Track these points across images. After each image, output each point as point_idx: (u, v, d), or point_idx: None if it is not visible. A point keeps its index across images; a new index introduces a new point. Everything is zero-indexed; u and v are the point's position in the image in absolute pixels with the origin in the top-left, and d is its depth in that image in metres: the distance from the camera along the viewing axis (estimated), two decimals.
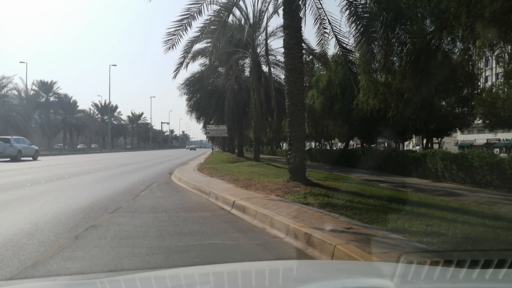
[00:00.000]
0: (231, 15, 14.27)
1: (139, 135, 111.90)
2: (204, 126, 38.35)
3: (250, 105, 23.79)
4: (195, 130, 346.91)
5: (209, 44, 17.86)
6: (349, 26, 11.08)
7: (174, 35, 11.41)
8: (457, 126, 28.93)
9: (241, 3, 18.81)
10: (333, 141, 48.90)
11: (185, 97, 34.64)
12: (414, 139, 56.62)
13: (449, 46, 18.52)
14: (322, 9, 11.59)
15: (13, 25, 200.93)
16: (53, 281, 3.62)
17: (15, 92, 53.22)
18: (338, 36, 11.74)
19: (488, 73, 42.72)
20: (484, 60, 22.68)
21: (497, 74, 41.10)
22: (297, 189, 9.16)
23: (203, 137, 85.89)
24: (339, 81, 24.91)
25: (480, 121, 31.54)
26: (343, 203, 7.34)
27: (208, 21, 11.96)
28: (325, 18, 11.62)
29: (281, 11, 11.29)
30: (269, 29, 24.23)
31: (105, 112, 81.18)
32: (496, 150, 44.65)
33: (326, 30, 11.86)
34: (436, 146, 35.94)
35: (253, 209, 6.94)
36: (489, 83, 37.94)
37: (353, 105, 23.12)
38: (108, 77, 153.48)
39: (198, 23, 11.81)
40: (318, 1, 11.55)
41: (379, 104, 20.21)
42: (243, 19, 22.58)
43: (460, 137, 62.30)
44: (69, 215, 7.01)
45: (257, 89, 21.15)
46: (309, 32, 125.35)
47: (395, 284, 1.63)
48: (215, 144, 60.54)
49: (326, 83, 26.37)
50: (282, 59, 16.92)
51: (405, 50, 16.95)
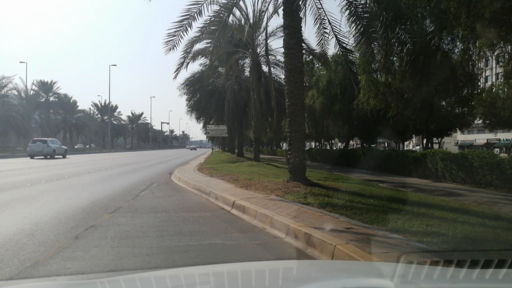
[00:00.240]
0: (231, 15, 14.27)
1: (139, 135, 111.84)
2: (204, 126, 38.34)
3: (250, 105, 23.79)
4: (195, 130, 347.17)
5: (209, 44, 17.89)
6: (349, 26, 11.10)
7: (175, 36, 11.40)
8: (457, 126, 28.93)
9: (241, 3, 18.85)
10: (333, 141, 48.90)
11: (185, 97, 34.71)
12: (414, 139, 56.62)
13: (449, 46, 18.52)
14: (322, 9, 11.60)
15: (13, 25, 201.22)
16: (53, 281, 3.62)
17: (15, 92, 53.20)
18: (338, 36, 11.75)
19: (488, 73, 42.70)
20: (484, 60, 22.64)
21: (497, 74, 41.13)
22: (297, 189, 9.16)
23: (203, 137, 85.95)
24: (339, 81, 24.90)
25: (480, 121, 31.53)
26: (343, 203, 7.34)
27: (208, 22, 11.96)
28: (325, 18, 11.63)
29: (281, 11, 11.30)
30: (269, 29, 24.27)
31: (105, 112, 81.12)
32: (496, 150, 44.65)
33: (326, 30, 11.88)
34: (436, 146, 35.92)
35: (253, 209, 6.94)
36: (489, 83, 37.92)
37: (353, 105, 23.13)
38: (108, 77, 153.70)
39: (198, 24, 11.81)
40: (318, 1, 11.57)
41: (379, 104, 20.20)
42: (243, 19, 22.63)
43: (460, 137, 62.29)
44: (69, 215, 7.01)
45: (257, 89, 21.15)
46: (309, 32, 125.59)
47: (395, 284, 1.62)
48: (215, 144, 60.53)
49: (326, 83, 26.36)
50: (282, 59, 16.93)
51: (405, 50, 16.94)
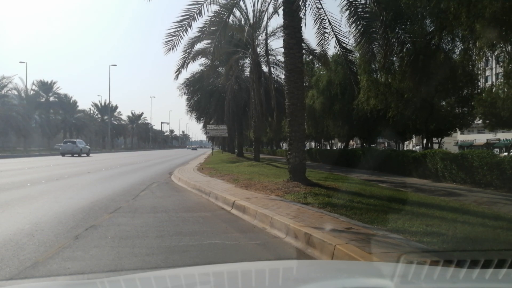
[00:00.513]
0: (231, 15, 14.27)
1: (139, 135, 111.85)
2: (204, 126, 38.32)
3: (250, 105, 23.78)
4: (195, 130, 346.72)
5: (209, 44, 17.87)
6: (349, 26, 11.11)
7: (174, 36, 11.41)
8: (457, 126, 28.90)
9: (241, 3, 18.81)
10: (333, 141, 48.88)
11: (185, 97, 34.68)
12: (414, 139, 56.59)
13: (449, 46, 18.49)
14: (322, 9, 11.59)
15: (13, 25, 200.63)
16: (53, 281, 3.62)
17: (15, 92, 53.28)
18: (338, 36, 11.74)
19: (488, 73, 42.67)
20: (484, 60, 22.63)
21: (497, 74, 41.12)
22: (297, 189, 9.16)
23: (203, 137, 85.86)
24: (339, 81, 24.89)
25: (480, 121, 31.51)
26: (343, 203, 7.34)
27: (208, 22, 11.96)
28: (325, 18, 11.62)
29: (281, 11, 11.31)
30: (269, 29, 24.24)
31: (105, 112, 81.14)
32: (496, 150, 44.63)
33: (326, 30, 11.87)
34: (436, 146, 35.91)
35: (253, 209, 6.94)
36: (489, 83, 37.91)
37: (353, 105, 23.11)
38: (108, 77, 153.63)
39: (198, 24, 11.82)
40: (318, 1, 11.56)
41: (379, 104, 20.19)
42: (243, 19, 22.61)
43: (460, 137, 62.27)
44: (69, 215, 7.01)
45: (257, 89, 21.14)
46: (309, 32, 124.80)
47: (395, 284, 1.62)
48: (215, 144, 60.52)
49: (326, 83, 26.36)
50: (282, 59, 16.92)
51: (405, 50, 16.93)
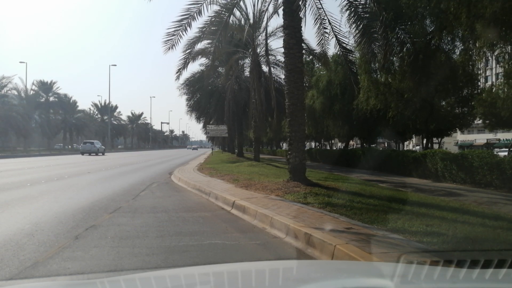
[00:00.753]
0: (231, 15, 14.27)
1: (139, 135, 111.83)
2: (204, 126, 38.31)
3: (250, 105, 23.77)
4: (195, 130, 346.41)
5: (209, 44, 17.87)
6: (349, 27, 11.12)
7: (174, 35, 11.43)
8: (457, 126, 28.88)
9: (241, 3, 18.82)
10: (333, 141, 48.87)
11: (185, 97, 34.67)
12: (414, 139, 56.56)
13: (449, 46, 18.46)
14: (322, 9, 11.60)
15: (13, 25, 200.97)
16: (53, 281, 3.62)
17: (15, 92, 53.28)
18: (338, 36, 11.75)
19: (488, 73, 42.66)
20: (484, 60, 22.61)
21: (497, 74, 41.11)
22: (297, 189, 9.16)
23: (203, 137, 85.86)
24: (339, 81, 24.87)
25: (480, 121, 31.49)
26: (343, 203, 7.34)
27: (208, 22, 11.99)
28: (325, 18, 11.63)
29: (281, 11, 11.30)
30: (269, 29, 24.20)
31: (105, 112, 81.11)
32: (496, 150, 44.60)
33: (326, 30, 11.88)
34: (436, 146, 35.88)
35: (253, 209, 6.94)
36: (489, 83, 37.90)
37: (353, 105, 23.09)
38: (108, 77, 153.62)
39: (198, 24, 11.87)
40: (318, 1, 11.56)
41: (379, 104, 20.17)
42: (243, 19, 22.60)
43: (460, 137, 62.26)
44: (69, 215, 7.02)
45: (257, 89, 21.14)
46: (309, 32, 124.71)
47: (395, 284, 1.62)
48: (215, 144, 60.50)
49: (326, 83, 26.34)
50: (282, 59, 16.92)
51: (405, 50, 16.90)
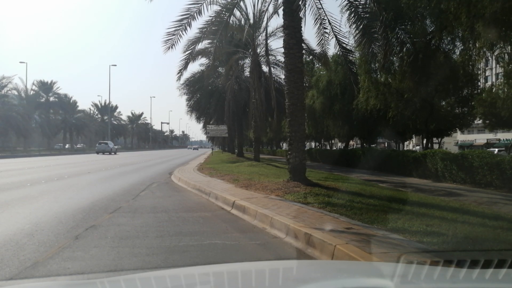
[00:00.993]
0: (231, 15, 14.28)
1: (139, 135, 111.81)
2: (204, 126, 38.30)
3: (250, 105, 23.77)
4: (195, 130, 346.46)
5: (209, 44, 17.87)
6: (349, 27, 11.11)
7: (174, 35, 11.44)
8: (457, 126, 28.89)
9: (241, 3, 18.81)
10: (333, 141, 48.86)
11: (185, 97, 34.66)
12: (414, 139, 56.56)
13: (449, 46, 18.45)
14: (322, 9, 11.59)
15: (13, 25, 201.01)
16: (53, 281, 3.62)
17: (15, 92, 53.25)
18: (338, 36, 11.75)
19: (488, 73, 42.65)
20: (484, 60, 22.60)
21: (497, 74, 41.10)
22: (297, 189, 9.15)
23: (203, 137, 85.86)
24: (339, 81, 24.86)
25: (480, 121, 31.50)
26: (343, 203, 7.34)
27: (209, 22, 11.99)
28: (325, 18, 11.62)
29: (281, 11, 11.30)
30: (269, 29, 24.19)
31: (105, 112, 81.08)
32: (490, 150, 44.57)
33: (326, 30, 11.87)
34: (436, 146, 35.89)
35: (253, 209, 6.94)
36: (489, 83, 37.90)
37: (353, 105, 23.08)
38: (108, 77, 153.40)
39: (198, 24, 11.88)
40: (318, 1, 11.56)
41: (379, 104, 20.17)
42: (243, 19, 22.59)
43: (460, 137, 62.26)
44: (69, 215, 7.02)
45: (257, 89, 21.13)
46: (309, 32, 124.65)
47: (395, 284, 1.62)
48: (215, 144, 60.49)
49: (326, 83, 26.33)
50: (282, 59, 16.92)
51: (405, 50, 16.90)
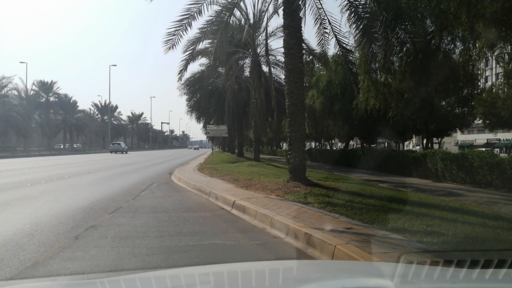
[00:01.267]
0: (232, 15, 14.28)
1: (139, 135, 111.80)
2: (204, 126, 38.33)
3: (250, 105, 23.77)
4: (195, 130, 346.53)
5: (209, 44, 17.85)
6: (349, 27, 11.11)
7: (174, 35, 11.43)
8: (457, 126, 28.89)
9: (241, 3, 18.81)
10: (333, 141, 48.87)
11: (185, 97, 34.65)
12: (414, 139, 56.58)
13: (449, 46, 18.46)
14: (322, 9, 11.59)
15: (13, 25, 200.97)
16: (53, 281, 3.62)
17: (15, 92, 53.26)
18: (338, 36, 11.74)
19: (488, 73, 42.65)
20: (484, 60, 22.61)
21: (497, 74, 41.11)
22: (297, 189, 9.16)
23: (203, 137, 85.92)
24: (339, 81, 24.86)
25: (480, 121, 31.51)
26: (343, 203, 7.34)
27: (209, 22, 11.99)
28: (325, 18, 11.62)
29: (281, 11, 11.30)
30: (269, 29, 24.19)
31: (105, 112, 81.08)
32: (496, 150, 44.62)
33: (326, 30, 11.87)
34: (436, 146, 35.89)
35: (253, 209, 6.94)
36: (489, 83, 37.90)
37: (353, 105, 23.08)
38: (108, 77, 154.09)
39: (198, 24, 11.87)
40: (318, 1, 11.56)
41: (379, 104, 20.16)
42: (243, 19, 22.60)
43: (460, 137, 62.27)
44: (69, 215, 7.02)
45: (257, 89, 21.14)
46: (309, 32, 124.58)
47: (395, 284, 1.62)
48: (215, 144, 60.55)
49: (326, 83, 26.33)
50: (282, 59, 16.91)
51: (405, 50, 16.90)
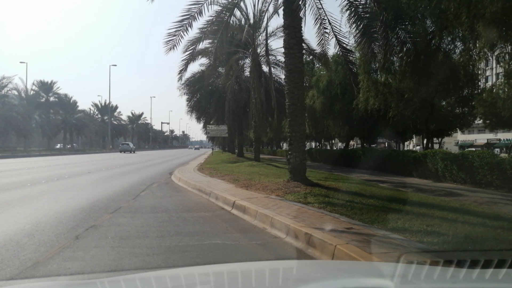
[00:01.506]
0: (232, 15, 14.28)
1: (139, 135, 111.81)
2: (204, 126, 38.29)
3: (251, 105, 23.77)
4: (195, 130, 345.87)
5: (209, 44, 17.86)
6: (349, 27, 11.12)
7: (175, 35, 11.41)
8: (457, 126, 28.88)
9: (241, 3, 18.81)
10: (333, 141, 48.87)
11: (185, 97, 34.61)
12: (414, 139, 56.57)
13: (449, 46, 18.46)
14: (322, 9, 11.59)
15: (13, 25, 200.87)
16: (53, 281, 3.63)
17: (15, 92, 53.30)
18: (338, 36, 11.74)
19: (488, 73, 42.61)
20: (484, 60, 22.59)
21: (497, 74, 41.10)
22: (298, 189, 9.16)
23: (203, 137, 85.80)
24: (339, 81, 24.86)
25: (480, 121, 31.50)
26: (344, 203, 7.34)
27: (209, 22, 11.98)
28: (325, 18, 11.62)
29: (281, 11, 11.31)
30: (269, 29, 24.17)
31: (105, 112, 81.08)
32: (497, 150, 44.62)
33: (326, 30, 11.86)
34: (436, 146, 35.87)
35: (253, 209, 6.94)
36: (490, 83, 37.88)
37: (353, 105, 23.07)
38: (108, 77, 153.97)
39: (198, 24, 11.84)
40: (318, 1, 11.56)
41: (379, 104, 20.16)
42: (243, 19, 22.60)
43: (461, 137, 62.23)
44: (70, 215, 7.02)
45: (258, 89, 21.13)
46: (309, 32, 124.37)
47: (395, 284, 1.63)
48: (215, 144, 60.51)
49: (326, 83, 26.33)
50: (282, 59, 16.91)
51: (405, 50, 16.90)
